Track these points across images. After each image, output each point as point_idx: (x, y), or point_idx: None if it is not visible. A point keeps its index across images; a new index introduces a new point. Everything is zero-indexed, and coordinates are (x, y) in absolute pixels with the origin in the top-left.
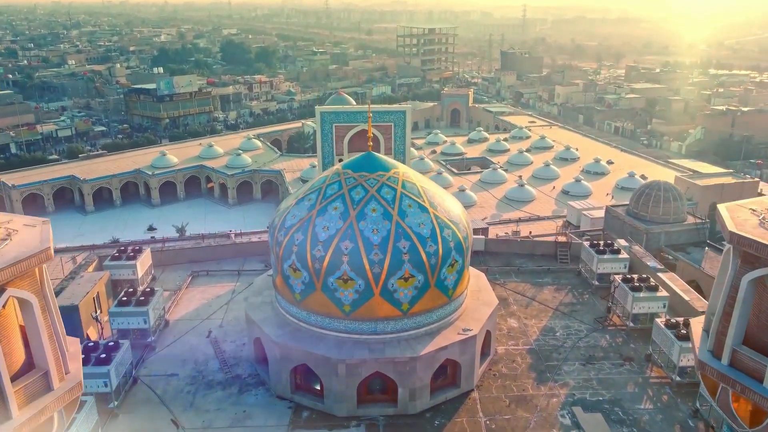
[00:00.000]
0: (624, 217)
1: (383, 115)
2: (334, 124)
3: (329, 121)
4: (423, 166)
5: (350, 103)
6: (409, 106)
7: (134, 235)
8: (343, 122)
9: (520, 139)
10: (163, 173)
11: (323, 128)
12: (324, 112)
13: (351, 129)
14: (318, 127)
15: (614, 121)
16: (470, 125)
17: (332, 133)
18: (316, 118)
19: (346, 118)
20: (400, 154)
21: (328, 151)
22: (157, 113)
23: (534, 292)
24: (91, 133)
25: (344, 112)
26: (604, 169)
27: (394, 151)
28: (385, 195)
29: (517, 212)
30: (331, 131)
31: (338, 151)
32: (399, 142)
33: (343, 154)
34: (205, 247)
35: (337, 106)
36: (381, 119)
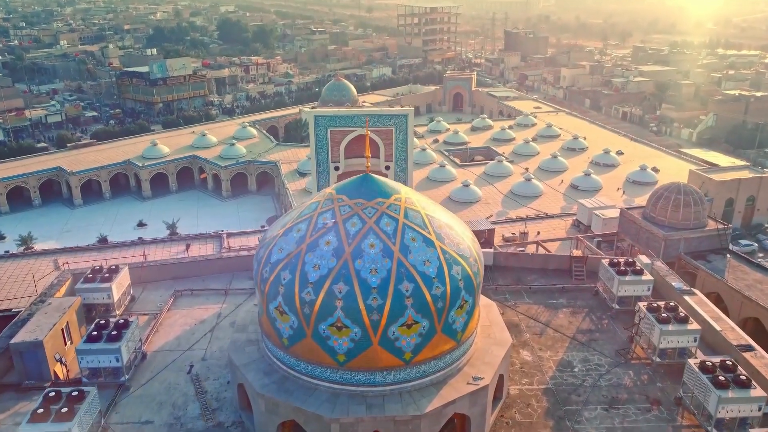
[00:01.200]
0: (640, 222)
1: (383, 119)
2: (329, 129)
3: (324, 126)
4: (425, 158)
5: (349, 90)
6: (411, 110)
7: (123, 232)
8: (339, 127)
9: (526, 126)
10: (154, 164)
11: (317, 133)
12: (318, 116)
13: (348, 134)
14: (312, 133)
15: (622, 106)
16: (473, 110)
17: (327, 139)
18: (309, 123)
19: (343, 123)
20: (401, 161)
21: (323, 158)
22: (150, 97)
23: (548, 316)
24: (82, 119)
25: (340, 116)
26: (613, 161)
27: (395, 157)
28: (385, 227)
29: (524, 209)
30: (326, 137)
31: (334, 158)
32: (400, 148)
33: (339, 160)
34: (190, 262)
35: (332, 110)
36: (381, 123)
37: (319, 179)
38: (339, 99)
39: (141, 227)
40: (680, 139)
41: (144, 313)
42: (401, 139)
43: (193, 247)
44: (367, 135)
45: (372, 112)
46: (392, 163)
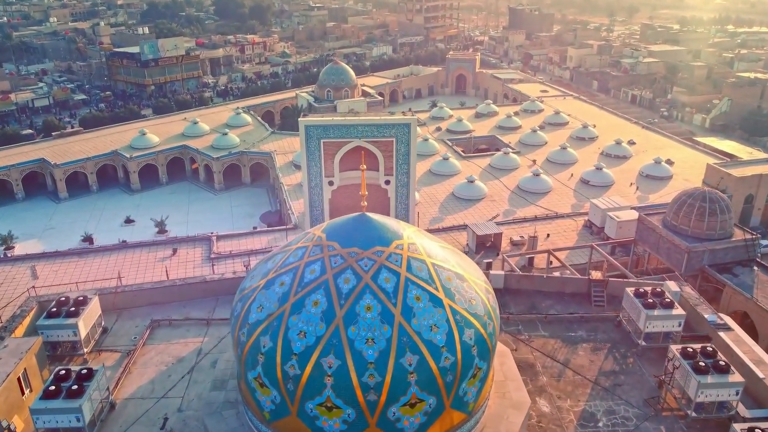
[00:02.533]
0: (660, 230)
1: (383, 129)
2: (321, 140)
3: (316, 137)
4: (428, 148)
5: (348, 74)
6: (415, 118)
7: (109, 230)
8: (333, 137)
9: (532, 113)
10: (143, 155)
11: (308, 145)
12: (309, 125)
13: (343, 146)
14: (302, 144)
15: (631, 89)
16: (477, 92)
17: (320, 151)
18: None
19: (337, 133)
20: (403, 175)
21: (315, 171)
22: (142, 79)
23: (567, 353)
24: (71, 102)
25: (334, 126)
26: (626, 152)
27: (396, 171)
28: (384, 284)
29: (533, 207)
30: (318, 148)
31: (328, 172)
32: (402, 161)
33: (333, 175)
34: (169, 286)
35: (324, 118)
36: (380, 133)
37: (311, 195)
38: (337, 83)
39: (128, 224)
40: (692, 125)
41: (116, 349)
42: (403, 151)
43: (180, 251)
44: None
45: (370, 122)
46: (392, 177)
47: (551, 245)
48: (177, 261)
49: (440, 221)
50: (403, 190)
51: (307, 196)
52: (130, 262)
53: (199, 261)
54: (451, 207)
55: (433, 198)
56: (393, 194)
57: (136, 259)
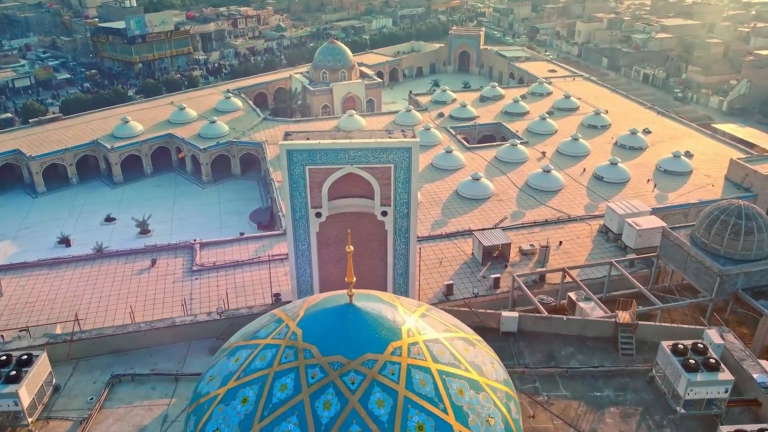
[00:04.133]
0: (689, 248)
1: (379, 154)
2: (307, 167)
3: (300, 163)
4: (429, 138)
5: (344, 54)
6: (416, 140)
7: (88, 229)
8: (319, 164)
9: (540, 96)
10: (125, 146)
11: (292, 172)
12: (292, 150)
13: (332, 173)
14: (284, 171)
15: (643, 67)
16: (481, 70)
17: (305, 179)
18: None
19: (325, 159)
20: (403, 205)
21: (299, 202)
22: (129, 57)
23: (592, 421)
24: (54, 82)
25: (321, 150)
26: (641, 143)
27: (395, 200)
28: (377, 409)
29: (543, 209)
30: (303, 176)
31: (315, 203)
32: (401, 190)
33: (320, 205)
34: (134, 332)
35: (310, 142)
36: (376, 159)
37: (295, 229)
38: (333, 64)
39: (109, 222)
40: (708, 108)
41: (67, 417)
42: (403, 178)
43: (160, 261)
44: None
45: (364, 146)
46: (391, 207)
47: (564, 255)
48: (156, 273)
49: (443, 225)
50: (402, 222)
51: (291, 229)
52: (105, 274)
53: (179, 274)
54: (454, 208)
55: (435, 197)
56: (391, 227)
57: (112, 271)
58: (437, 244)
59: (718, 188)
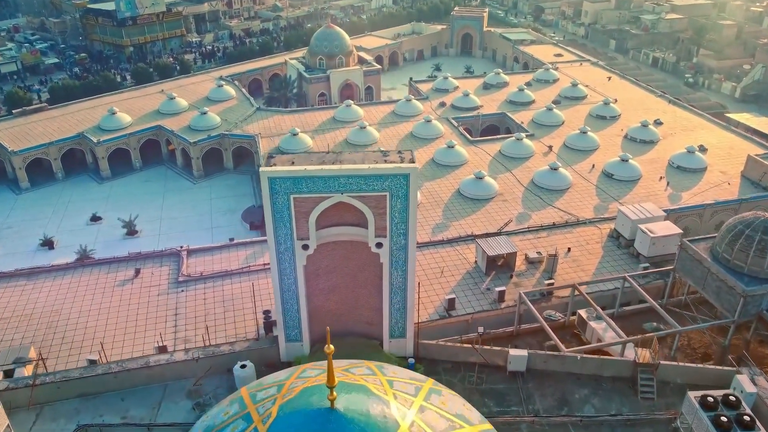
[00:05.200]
0: (709, 265)
1: (372, 182)
2: (291, 196)
3: (284, 192)
4: (430, 131)
5: (341, 39)
6: (415, 167)
7: (73, 229)
8: (306, 192)
9: (546, 83)
10: (113, 139)
11: (275, 201)
12: (274, 178)
13: (320, 201)
14: (266, 200)
15: (652, 50)
16: (484, 53)
17: (290, 209)
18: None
19: (312, 187)
20: (399, 237)
21: (283, 234)
22: (119, 39)
23: None
24: (42, 67)
25: (307, 178)
26: (652, 136)
27: (391, 231)
28: None
29: (550, 210)
30: (287, 205)
31: (301, 234)
32: (398, 220)
33: (307, 237)
34: (104, 375)
35: (295, 168)
36: (369, 186)
37: (280, 262)
38: (330, 50)
39: (95, 222)
40: (721, 95)
41: None
42: (399, 208)
43: (144, 271)
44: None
45: (356, 172)
46: (386, 239)
47: (573, 264)
48: (140, 284)
49: (445, 229)
50: (399, 254)
51: (275, 262)
52: (85, 285)
53: (164, 285)
54: (457, 209)
55: (436, 197)
56: (387, 259)
57: (93, 281)
58: (438, 251)
59: (735, 186)
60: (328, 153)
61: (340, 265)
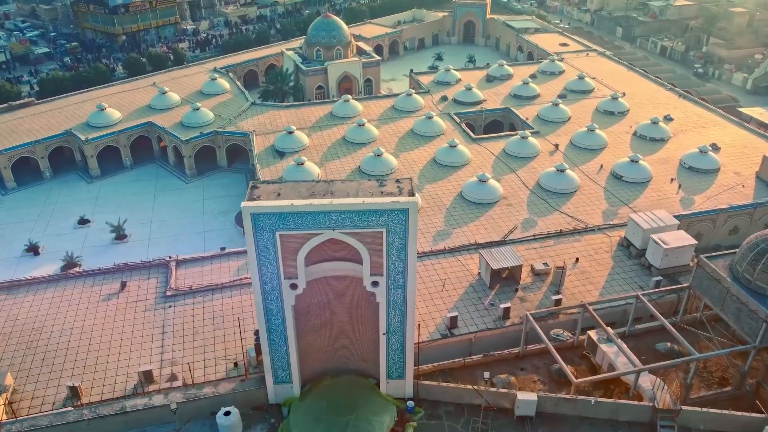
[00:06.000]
0: (729, 285)
1: (367, 218)
2: (277, 233)
3: (269, 228)
4: (432, 128)
5: (340, 29)
6: (415, 201)
7: (60, 233)
8: (293, 229)
9: (552, 75)
10: (101, 137)
11: (259, 238)
12: (258, 214)
13: (309, 238)
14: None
15: (660, 38)
16: (487, 42)
17: (276, 246)
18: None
19: (300, 223)
20: (397, 275)
21: (269, 272)
22: (111, 28)
23: None
24: (32, 57)
25: (294, 214)
26: (663, 134)
27: (388, 270)
28: None
29: (556, 216)
30: (273, 243)
31: (288, 272)
32: (396, 257)
33: (296, 275)
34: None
35: (281, 203)
36: (363, 223)
37: (266, 302)
38: (328, 41)
39: (83, 225)
40: (731, 86)
41: None
42: (397, 245)
43: (131, 284)
44: None
45: (349, 207)
46: (383, 278)
47: (581, 276)
48: (126, 299)
49: (447, 237)
50: (397, 293)
51: (261, 303)
52: (68, 300)
53: (152, 300)
54: (459, 214)
55: (437, 201)
56: (384, 299)
57: (77, 296)
58: (439, 261)
59: (750, 189)
60: (318, 182)
61: (333, 300)
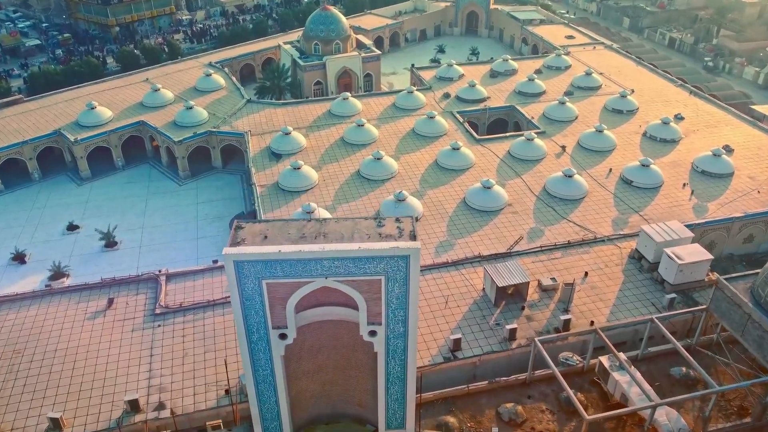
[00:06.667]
0: (750, 309)
1: (364, 265)
2: (264, 281)
3: (254, 277)
4: (434, 128)
5: (338, 22)
6: (417, 246)
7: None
8: (281, 277)
9: (558, 70)
10: (91, 137)
11: (243, 287)
12: (241, 262)
13: (299, 287)
14: (232, 285)
15: (669, 30)
16: (490, 33)
17: (262, 296)
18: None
19: (288, 271)
20: (397, 324)
21: (256, 321)
22: (104, 19)
23: None
24: (23, 49)
25: (282, 262)
26: (674, 134)
27: (387, 318)
28: None
29: (564, 225)
30: (259, 292)
31: (277, 321)
32: (396, 305)
33: (285, 325)
34: None
35: (266, 249)
36: (359, 270)
37: (252, 353)
38: (326, 35)
39: (71, 231)
40: (743, 81)
41: None
42: (398, 293)
43: (118, 300)
44: None
45: (343, 254)
46: (382, 327)
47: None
48: (113, 317)
49: (450, 248)
50: (397, 342)
51: (247, 354)
52: (53, 319)
53: (140, 318)
54: (462, 223)
55: (440, 208)
56: (382, 348)
57: (62, 313)
58: (442, 275)
59: (766, 195)
60: (310, 221)
61: (327, 344)
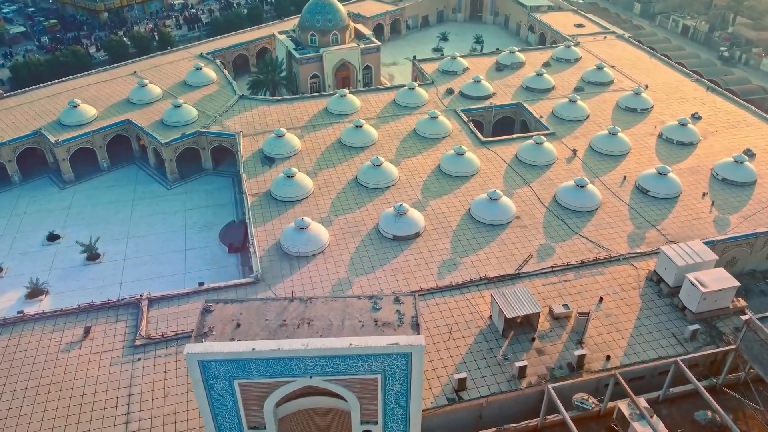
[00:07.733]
0: None
1: (357, 363)
2: (236, 382)
3: (224, 377)
4: (437, 130)
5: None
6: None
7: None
8: (256, 377)
9: (567, 62)
10: (74, 138)
11: (212, 388)
12: (210, 361)
13: (279, 386)
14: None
15: (682, 16)
16: (495, 19)
17: (235, 396)
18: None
19: (265, 371)
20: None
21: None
22: (92, 4)
23: None
24: (7, 37)
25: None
26: (692, 137)
27: (385, 418)
28: None
29: (576, 241)
30: (231, 392)
31: (253, 421)
32: (396, 404)
33: (263, 425)
34: None
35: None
36: (353, 369)
37: None
38: (323, 25)
39: (52, 242)
40: (760, 73)
41: None
42: (397, 392)
43: (96, 329)
44: None
45: (334, 352)
46: (377, 426)
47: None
48: (89, 349)
49: (454, 268)
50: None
51: None
52: (24, 351)
53: (119, 351)
54: (467, 239)
55: (443, 222)
56: None
57: (34, 345)
58: (445, 300)
59: None
60: (292, 300)
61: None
